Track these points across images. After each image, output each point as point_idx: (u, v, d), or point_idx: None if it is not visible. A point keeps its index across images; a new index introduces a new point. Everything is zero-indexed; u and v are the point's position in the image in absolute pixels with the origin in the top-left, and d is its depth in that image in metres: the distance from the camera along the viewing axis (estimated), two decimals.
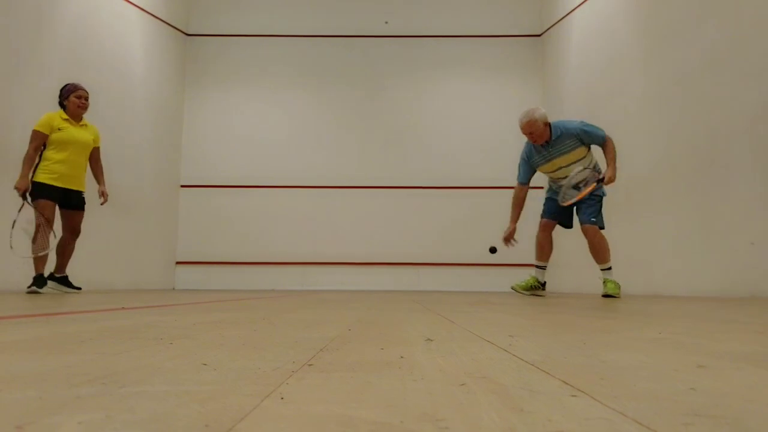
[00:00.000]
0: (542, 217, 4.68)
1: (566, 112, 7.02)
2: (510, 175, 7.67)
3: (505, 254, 7.38)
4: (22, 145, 4.93)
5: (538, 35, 7.85)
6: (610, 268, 4.22)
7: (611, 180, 4.21)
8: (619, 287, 4.12)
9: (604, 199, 4.32)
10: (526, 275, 4.91)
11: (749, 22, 4.19)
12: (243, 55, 7.88)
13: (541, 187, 7.72)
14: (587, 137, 4.32)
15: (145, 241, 6.83)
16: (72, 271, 5.52)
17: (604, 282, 4.16)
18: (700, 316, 1.82)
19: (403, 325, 1.34)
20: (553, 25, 7.44)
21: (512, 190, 4.75)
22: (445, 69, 7.90)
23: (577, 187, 4.33)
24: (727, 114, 4.33)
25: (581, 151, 4.36)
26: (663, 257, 5.06)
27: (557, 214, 4.57)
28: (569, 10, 6.99)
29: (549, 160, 4.39)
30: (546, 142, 4.32)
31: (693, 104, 4.72)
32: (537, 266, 4.63)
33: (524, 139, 4.54)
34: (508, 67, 7.91)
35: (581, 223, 4.34)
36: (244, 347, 0.85)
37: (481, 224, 7.41)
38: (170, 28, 7.53)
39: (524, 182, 4.64)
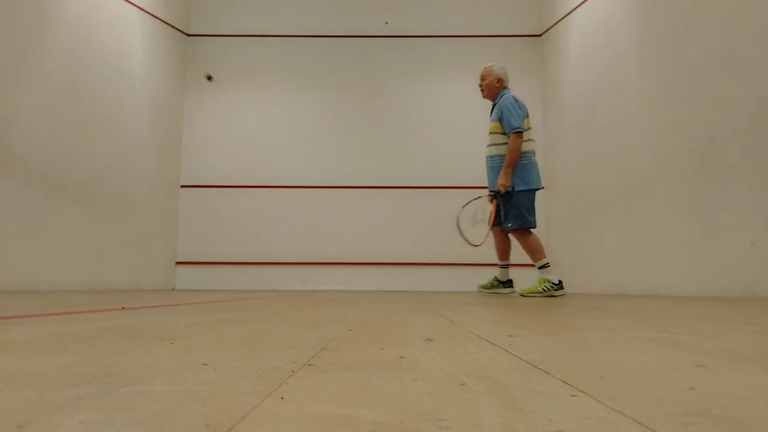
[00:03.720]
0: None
1: (566, 112, 7.02)
2: None
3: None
4: (22, 145, 4.93)
5: (538, 35, 7.85)
6: (545, 266, 4.28)
7: (504, 187, 4.30)
8: (553, 287, 4.29)
9: (521, 194, 4.35)
10: (527, 275, 4.94)
11: (749, 22, 4.19)
12: (243, 55, 7.88)
13: (542, 188, 7.74)
14: (503, 116, 4.35)
15: (145, 241, 6.83)
16: (72, 270, 5.53)
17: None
18: (700, 316, 1.82)
19: (403, 325, 1.34)
20: (553, 25, 7.44)
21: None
22: (445, 69, 7.90)
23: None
24: (726, 114, 4.33)
25: (499, 127, 4.41)
26: (663, 257, 5.07)
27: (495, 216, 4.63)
28: (569, 10, 7.00)
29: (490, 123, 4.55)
30: (493, 102, 4.52)
31: (692, 104, 4.73)
32: (500, 266, 4.74)
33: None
34: (508, 67, 7.90)
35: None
36: (244, 347, 0.85)
37: (481, 224, 7.42)
38: (170, 28, 7.53)
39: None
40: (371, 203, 7.57)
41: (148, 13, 7.03)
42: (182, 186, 7.59)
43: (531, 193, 4.38)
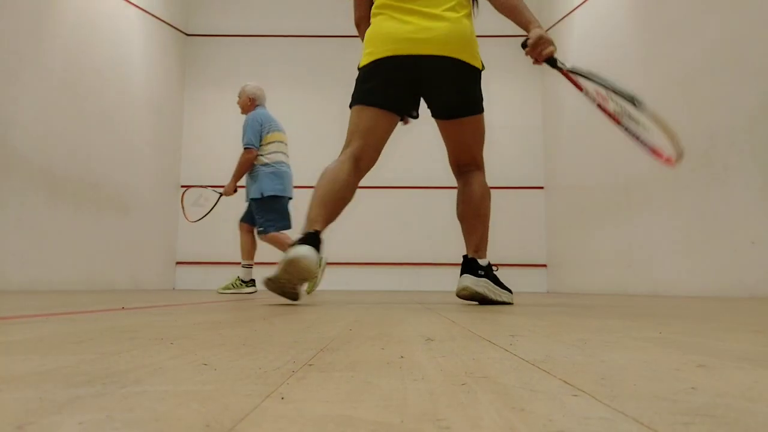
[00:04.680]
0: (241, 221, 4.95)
1: (566, 112, 7.02)
2: (510, 175, 7.70)
3: (505, 255, 7.38)
4: (23, 145, 4.93)
5: None
6: (248, 266, 4.74)
7: (227, 193, 4.87)
8: (242, 284, 4.67)
9: (267, 201, 4.70)
10: (530, 276, 4.93)
11: (749, 22, 4.19)
12: (243, 55, 7.88)
13: (541, 188, 7.75)
14: (243, 131, 4.88)
15: (145, 241, 6.83)
16: (73, 270, 5.52)
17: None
18: (700, 316, 1.82)
19: (403, 324, 1.34)
20: (553, 25, 7.44)
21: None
22: None
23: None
24: (726, 114, 4.33)
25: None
26: (663, 257, 5.06)
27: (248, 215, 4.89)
28: (569, 10, 7.00)
29: None
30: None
31: (693, 104, 4.72)
32: (243, 265, 4.89)
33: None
34: (508, 67, 7.91)
35: None
36: (244, 347, 0.85)
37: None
38: (170, 28, 7.53)
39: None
40: (371, 203, 7.56)
41: (148, 13, 7.03)
42: (182, 186, 7.59)
43: (278, 199, 4.72)
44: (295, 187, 7.53)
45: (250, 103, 5.03)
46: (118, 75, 6.44)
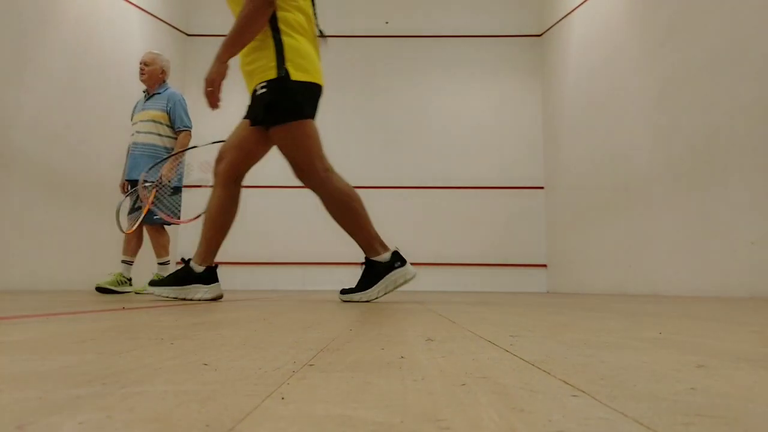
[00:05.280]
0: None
1: (566, 112, 7.02)
2: (510, 175, 7.70)
3: (506, 255, 7.38)
4: (23, 145, 4.93)
5: (538, 35, 7.85)
6: (165, 263, 4.45)
7: (168, 178, 4.37)
8: (126, 282, 4.32)
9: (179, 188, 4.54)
10: (530, 276, 4.91)
11: (749, 22, 4.19)
12: None
13: (541, 188, 7.75)
14: (175, 110, 4.47)
15: (146, 241, 6.83)
16: (73, 270, 5.53)
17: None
18: (700, 316, 1.82)
19: (404, 325, 1.34)
20: (553, 25, 7.44)
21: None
22: (445, 69, 7.89)
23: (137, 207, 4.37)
24: (727, 114, 4.33)
25: (166, 118, 4.48)
26: (663, 257, 5.06)
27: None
28: (569, 10, 6.99)
29: (143, 110, 4.51)
30: (149, 92, 4.52)
31: (693, 104, 4.72)
32: (123, 261, 4.51)
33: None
34: (508, 67, 7.91)
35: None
36: (245, 347, 0.85)
37: (481, 224, 7.42)
38: (170, 28, 7.53)
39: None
40: (371, 203, 7.53)
41: (148, 13, 7.03)
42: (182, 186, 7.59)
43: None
44: (295, 187, 7.57)
45: (161, 76, 4.56)
46: (118, 75, 6.44)
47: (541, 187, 7.62)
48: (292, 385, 0.54)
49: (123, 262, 4.45)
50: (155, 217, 4.25)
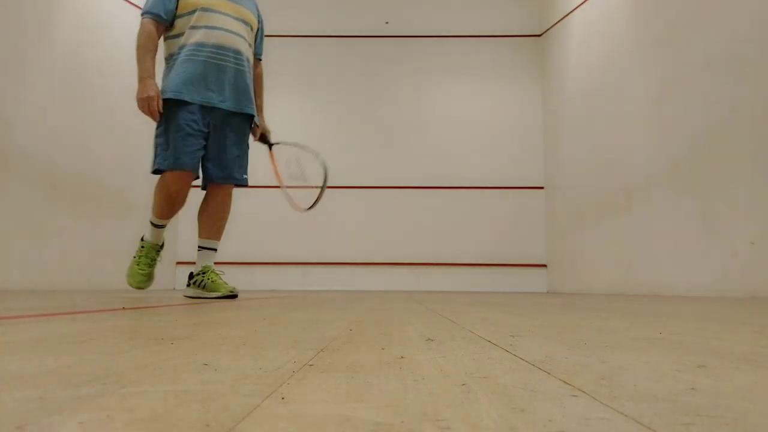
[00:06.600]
0: (176, 162, 3.08)
1: (566, 112, 7.02)
2: (510, 175, 7.70)
3: (506, 255, 7.38)
4: (24, 145, 4.93)
5: (538, 35, 7.84)
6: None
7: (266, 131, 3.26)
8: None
9: None
10: (530, 276, 4.91)
11: (749, 22, 4.19)
12: None
13: (541, 188, 7.76)
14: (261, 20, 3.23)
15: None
16: (73, 270, 5.53)
17: (215, 273, 3.08)
18: (700, 316, 1.82)
19: (403, 325, 1.34)
20: (553, 25, 7.44)
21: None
22: (445, 69, 7.90)
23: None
24: (727, 114, 4.33)
25: (254, 23, 3.21)
26: (663, 257, 5.06)
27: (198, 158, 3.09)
28: (569, 10, 6.99)
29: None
30: None
31: (693, 104, 4.72)
32: (157, 225, 3.35)
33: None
34: (508, 67, 7.91)
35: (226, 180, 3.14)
36: (245, 347, 0.85)
37: (480, 224, 7.42)
38: None
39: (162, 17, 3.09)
40: (370, 203, 7.57)
41: None
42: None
43: None
44: (295, 186, 7.57)
45: None
46: (118, 75, 6.44)
47: (541, 187, 7.62)
48: (292, 385, 0.54)
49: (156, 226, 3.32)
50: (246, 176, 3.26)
